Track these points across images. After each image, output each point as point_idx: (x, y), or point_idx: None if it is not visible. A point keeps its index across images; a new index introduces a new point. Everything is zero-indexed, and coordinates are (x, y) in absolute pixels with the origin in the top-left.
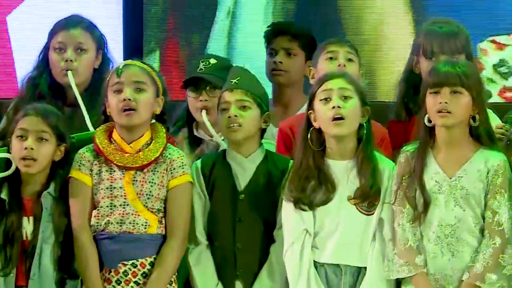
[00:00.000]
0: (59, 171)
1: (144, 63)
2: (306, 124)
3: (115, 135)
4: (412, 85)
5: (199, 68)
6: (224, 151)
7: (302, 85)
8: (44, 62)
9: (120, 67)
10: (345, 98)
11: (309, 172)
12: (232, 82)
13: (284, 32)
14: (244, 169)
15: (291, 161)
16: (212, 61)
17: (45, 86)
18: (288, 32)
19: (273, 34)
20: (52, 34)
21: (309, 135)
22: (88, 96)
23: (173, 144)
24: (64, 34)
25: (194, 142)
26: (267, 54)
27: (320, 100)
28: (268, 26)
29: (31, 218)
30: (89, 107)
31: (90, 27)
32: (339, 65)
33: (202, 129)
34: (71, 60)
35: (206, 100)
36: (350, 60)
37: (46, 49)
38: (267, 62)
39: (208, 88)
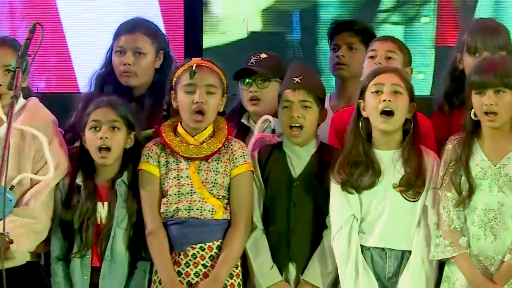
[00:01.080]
0: (131, 159)
1: (213, 63)
2: (356, 113)
3: (180, 129)
4: (456, 80)
5: (250, 62)
6: (281, 141)
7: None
8: (110, 61)
9: (193, 68)
10: (396, 93)
11: (358, 158)
12: (294, 80)
13: (347, 28)
14: (299, 158)
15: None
16: (263, 55)
17: (112, 83)
18: (351, 28)
19: (336, 31)
20: (115, 37)
21: (359, 123)
22: (152, 95)
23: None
24: (125, 38)
25: (243, 131)
26: (330, 50)
27: (372, 92)
28: (331, 24)
29: (105, 203)
30: (154, 106)
31: (149, 31)
32: (375, 64)
33: (252, 119)
34: (129, 64)
35: (256, 91)
36: (389, 58)
37: (111, 49)
38: (330, 57)
39: (258, 80)
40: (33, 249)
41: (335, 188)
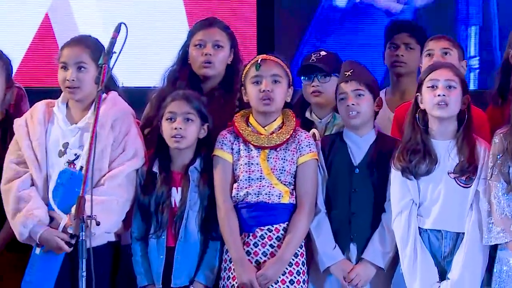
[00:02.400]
0: (204, 148)
1: (277, 57)
2: (414, 105)
3: (252, 119)
4: (507, 75)
5: (311, 59)
6: (341, 131)
7: (416, 75)
8: (183, 58)
9: (259, 61)
10: (450, 88)
11: (416, 147)
12: (346, 74)
13: (405, 29)
14: (359, 147)
15: (399, 140)
16: (322, 53)
17: (185, 78)
18: (409, 29)
19: (394, 31)
20: (192, 33)
21: (416, 115)
22: (222, 90)
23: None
24: (204, 32)
25: (305, 124)
26: (387, 48)
27: (428, 87)
28: (389, 24)
29: (179, 188)
30: (225, 99)
31: (225, 27)
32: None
33: (314, 112)
34: (210, 55)
35: (318, 86)
36: (445, 53)
37: (185, 46)
38: (387, 54)
39: (319, 76)
40: (115, 229)
41: (395, 175)
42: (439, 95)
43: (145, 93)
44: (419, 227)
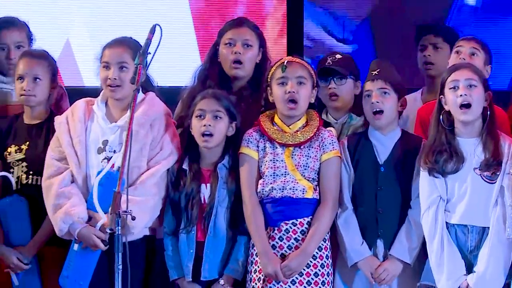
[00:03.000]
0: (232, 145)
1: (302, 59)
2: (438, 107)
3: (277, 119)
4: None
5: (327, 62)
6: (366, 130)
7: None
8: (213, 57)
9: (285, 63)
10: (471, 87)
11: (442, 147)
12: (373, 73)
13: (431, 30)
14: (384, 145)
15: (423, 139)
16: (338, 56)
17: (214, 77)
18: (434, 30)
19: (421, 33)
20: (222, 32)
21: (441, 116)
22: (251, 88)
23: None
24: (234, 31)
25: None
26: (418, 50)
27: (450, 88)
28: (417, 26)
29: (208, 185)
30: (253, 98)
31: (254, 27)
32: (459, 59)
33: (330, 114)
34: (239, 53)
35: (335, 88)
36: (473, 54)
37: (215, 46)
38: (418, 57)
39: (335, 78)
40: (149, 225)
41: (423, 174)
42: (461, 95)
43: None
44: (446, 222)
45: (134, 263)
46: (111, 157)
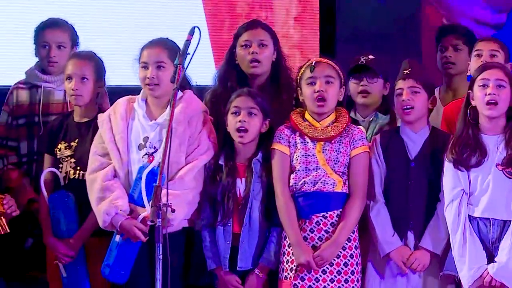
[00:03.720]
0: (265, 141)
1: (330, 59)
2: (466, 102)
3: (307, 115)
4: None
5: (360, 61)
6: (398, 127)
7: (466, 74)
8: (231, 60)
9: (313, 64)
10: (500, 87)
11: (467, 141)
12: (405, 72)
13: (452, 31)
14: (414, 142)
15: (451, 135)
16: (371, 56)
17: (233, 79)
18: (455, 31)
19: (442, 34)
20: (238, 35)
21: (468, 111)
22: (270, 86)
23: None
24: (249, 33)
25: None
26: (438, 50)
27: (479, 86)
28: (438, 28)
29: (243, 179)
30: (272, 95)
31: (268, 27)
32: (481, 61)
33: (358, 112)
34: (256, 53)
35: (366, 85)
36: (493, 56)
37: (232, 48)
38: (438, 57)
39: (367, 76)
40: (188, 217)
41: (447, 167)
42: (489, 94)
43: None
44: (469, 215)
45: (174, 254)
46: (151, 153)
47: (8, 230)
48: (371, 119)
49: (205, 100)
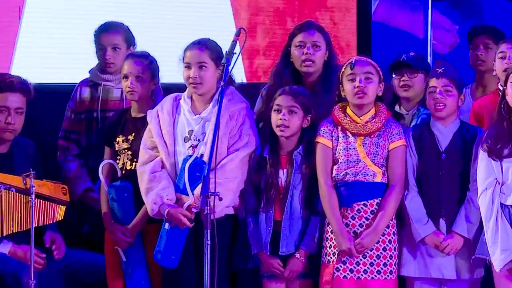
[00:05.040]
0: (307, 135)
1: (369, 58)
2: (501, 97)
3: (349, 110)
4: None
5: (402, 58)
6: (429, 121)
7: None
8: (286, 58)
9: (353, 62)
10: None
11: (501, 132)
12: (438, 71)
13: (483, 31)
14: (444, 135)
15: (479, 128)
16: (412, 53)
17: (288, 75)
18: (486, 31)
19: (474, 34)
20: (293, 35)
21: (502, 105)
22: (321, 83)
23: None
24: (304, 34)
25: (395, 117)
26: (470, 49)
27: (510, 82)
28: (470, 27)
29: (285, 170)
30: (324, 91)
31: (321, 29)
32: (505, 64)
33: (403, 106)
34: (309, 54)
35: (407, 80)
36: None
37: (287, 47)
38: (470, 55)
39: (408, 72)
40: (232, 204)
41: (482, 157)
42: None
43: None
44: (501, 203)
45: (220, 239)
46: (196, 145)
47: (62, 218)
48: (413, 112)
49: (261, 95)
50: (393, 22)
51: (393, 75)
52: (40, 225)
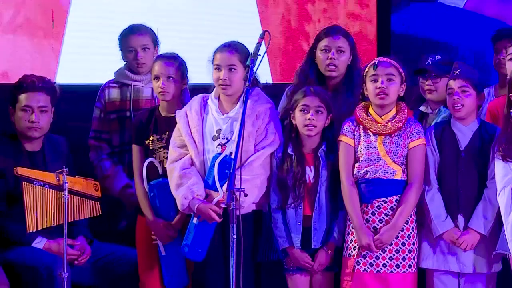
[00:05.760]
0: (328, 134)
1: (392, 58)
2: (508, 102)
3: (371, 110)
4: None
5: (427, 62)
6: (449, 120)
7: None
8: (311, 59)
9: (376, 63)
10: None
11: (511, 136)
12: (455, 73)
13: (505, 35)
14: (464, 134)
15: (498, 128)
16: (438, 57)
17: (313, 76)
18: (509, 35)
19: (498, 37)
20: (319, 39)
21: (510, 111)
22: (345, 85)
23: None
24: (329, 39)
25: (421, 116)
26: (493, 52)
27: None
28: (495, 31)
29: (312, 167)
30: (347, 93)
31: (347, 34)
32: None
33: (430, 106)
34: (333, 59)
35: (431, 85)
36: None
37: (313, 49)
38: (494, 58)
39: (432, 76)
40: (257, 201)
41: (497, 158)
42: None
43: None
44: None
45: (245, 233)
46: (224, 143)
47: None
48: (436, 112)
49: (286, 94)
50: (486, 12)
51: (420, 79)
52: (73, 220)
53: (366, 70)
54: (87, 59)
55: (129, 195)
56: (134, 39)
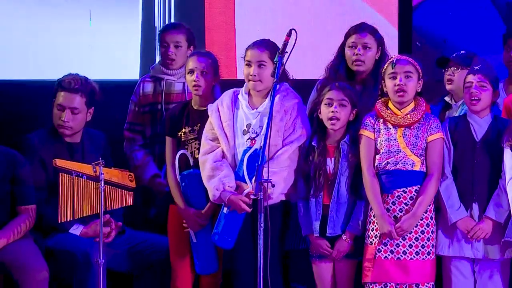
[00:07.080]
0: (352, 127)
1: (410, 56)
2: None
3: (390, 104)
4: None
5: (452, 55)
6: (465, 114)
7: None
8: (340, 54)
9: (394, 61)
10: None
11: None
12: (475, 68)
13: None
14: (480, 126)
15: (510, 121)
16: (462, 52)
17: (343, 70)
18: None
19: (508, 35)
20: (347, 35)
21: None
22: (372, 79)
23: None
24: (356, 36)
25: (445, 106)
26: (504, 49)
27: None
28: (506, 29)
29: (332, 159)
30: (374, 87)
31: (374, 31)
32: None
33: (454, 98)
34: (360, 55)
35: (451, 75)
36: None
37: (343, 45)
38: (504, 55)
39: (452, 67)
40: (285, 191)
41: (506, 149)
42: None
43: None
44: None
45: (273, 223)
46: (254, 137)
47: (132, 203)
48: (459, 104)
49: (316, 87)
50: None
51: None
52: (109, 209)
53: (385, 67)
54: None
55: (158, 184)
56: (169, 36)
